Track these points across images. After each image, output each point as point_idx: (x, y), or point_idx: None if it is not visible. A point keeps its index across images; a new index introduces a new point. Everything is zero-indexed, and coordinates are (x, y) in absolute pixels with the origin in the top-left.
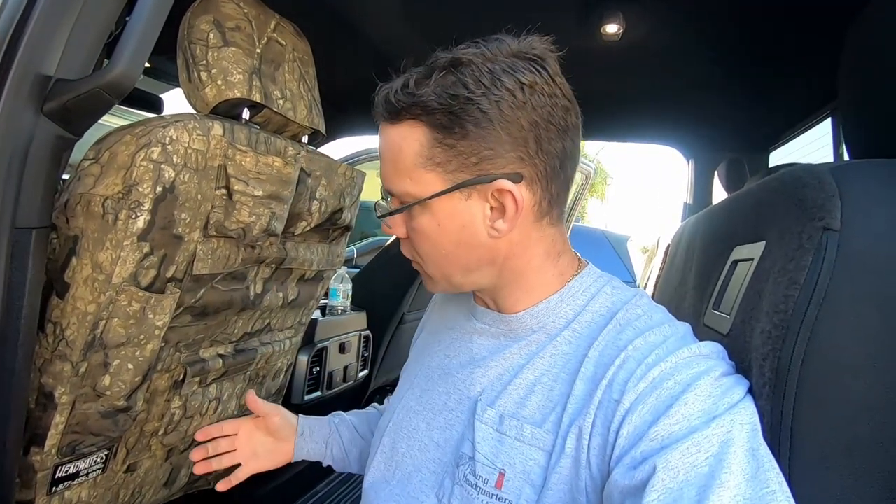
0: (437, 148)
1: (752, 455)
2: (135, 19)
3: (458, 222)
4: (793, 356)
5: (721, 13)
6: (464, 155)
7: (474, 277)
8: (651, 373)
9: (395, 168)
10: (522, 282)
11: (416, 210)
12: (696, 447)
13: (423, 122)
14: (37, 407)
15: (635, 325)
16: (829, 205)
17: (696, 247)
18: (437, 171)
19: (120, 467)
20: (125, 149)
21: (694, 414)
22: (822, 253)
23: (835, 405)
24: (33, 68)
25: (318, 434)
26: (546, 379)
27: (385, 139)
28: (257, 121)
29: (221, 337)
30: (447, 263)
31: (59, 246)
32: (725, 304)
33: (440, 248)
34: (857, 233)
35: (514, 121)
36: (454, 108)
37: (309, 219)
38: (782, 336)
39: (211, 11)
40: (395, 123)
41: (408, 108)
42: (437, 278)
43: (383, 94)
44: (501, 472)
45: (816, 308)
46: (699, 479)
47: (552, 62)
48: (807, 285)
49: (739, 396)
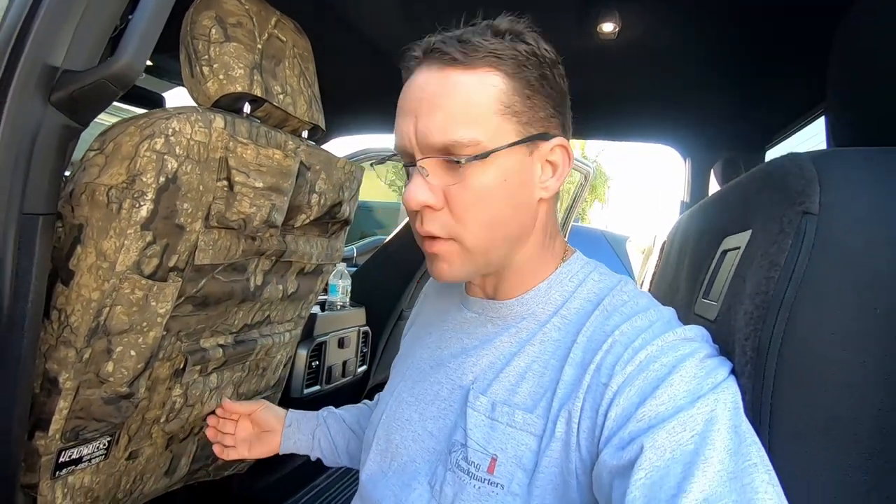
0: (516, 97)
1: (734, 432)
2: (139, 12)
3: (520, 179)
4: (772, 336)
5: (716, 12)
6: (536, 108)
7: (510, 250)
8: (638, 356)
9: (466, 114)
10: (525, 263)
11: (476, 166)
12: (681, 426)
13: (501, 70)
14: (41, 392)
15: (622, 311)
16: (809, 190)
17: (689, 241)
18: (514, 120)
19: (122, 454)
20: (129, 139)
21: (679, 394)
22: (801, 236)
23: (813, 382)
24: (41, 59)
25: (305, 426)
26: (536, 365)
27: (445, 84)
28: (258, 115)
29: (222, 327)
30: (498, 230)
31: (65, 234)
32: (714, 293)
33: (499, 210)
34: (835, 216)
35: (561, 88)
36: (531, 63)
37: (308, 212)
38: (763, 316)
39: (213, 7)
40: (468, 68)
41: (485, 54)
42: (476, 253)
43: (453, 39)
44: (493, 457)
45: (795, 289)
46: (685, 456)
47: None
48: (786, 267)
49: (723, 377)
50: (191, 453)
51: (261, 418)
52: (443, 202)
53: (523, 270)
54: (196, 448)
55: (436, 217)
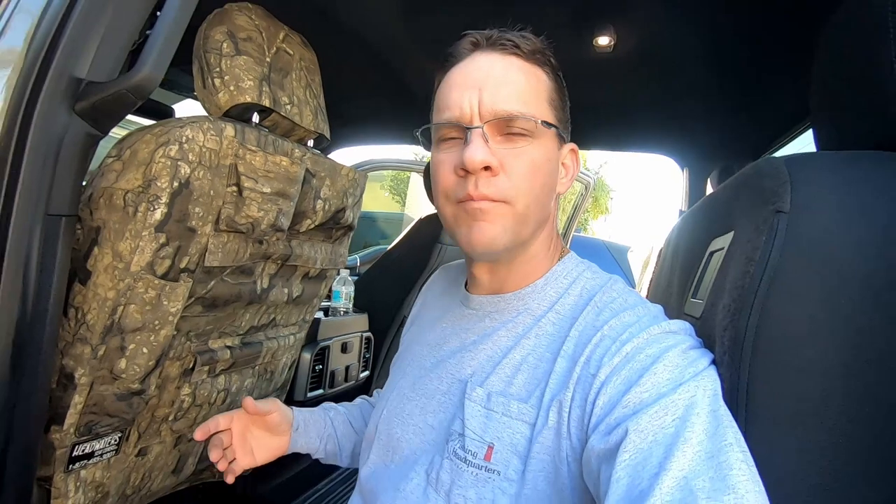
0: (556, 96)
1: (713, 416)
2: (157, 29)
3: (553, 166)
4: (747, 327)
5: (710, 24)
6: (564, 111)
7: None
8: (624, 348)
9: (526, 92)
10: (536, 254)
11: (525, 138)
12: (663, 411)
13: (547, 70)
14: (58, 387)
15: (611, 307)
16: (781, 190)
17: (681, 246)
18: (554, 113)
19: (132, 450)
20: (145, 146)
21: (662, 382)
22: (773, 233)
23: (785, 371)
24: (67, 71)
25: (312, 429)
26: (532, 358)
27: (511, 67)
28: (266, 124)
29: (229, 329)
30: (535, 204)
31: (83, 236)
32: (701, 292)
33: (541, 182)
34: (805, 214)
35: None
36: (559, 73)
37: (313, 217)
38: (739, 309)
39: (225, 23)
40: (530, 60)
41: (542, 53)
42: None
43: (516, 34)
44: (490, 445)
45: (769, 282)
46: (666, 438)
47: None
48: (760, 262)
49: (704, 366)
50: (198, 453)
51: (275, 422)
52: (499, 167)
53: (532, 261)
54: (203, 448)
55: (492, 181)
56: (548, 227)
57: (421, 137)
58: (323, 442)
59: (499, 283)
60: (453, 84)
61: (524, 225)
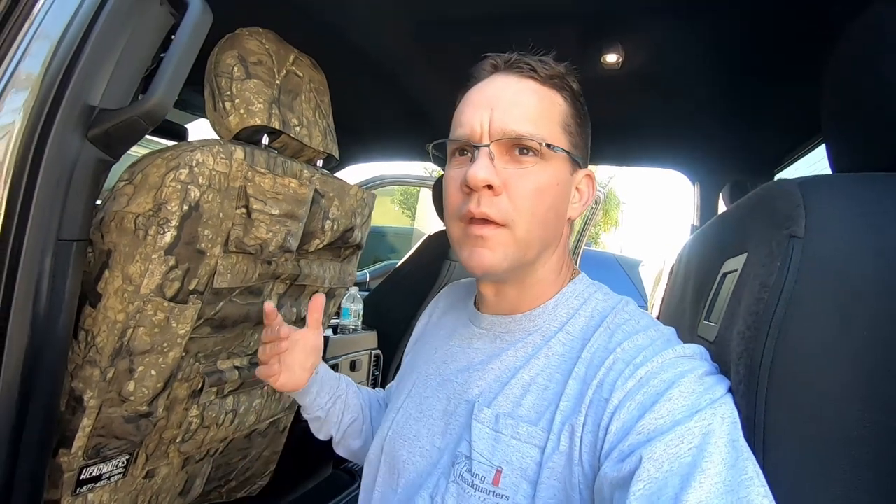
0: (572, 122)
1: (731, 446)
2: (169, 56)
3: (564, 190)
4: (763, 354)
5: (718, 40)
6: (581, 136)
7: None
8: (638, 372)
9: (538, 115)
10: (546, 276)
11: (534, 160)
12: (679, 439)
13: (565, 95)
14: (67, 410)
15: (624, 329)
16: (795, 214)
17: (693, 264)
18: (567, 138)
19: (139, 472)
20: (156, 171)
21: (678, 409)
22: (788, 258)
23: (803, 398)
24: (81, 99)
25: (327, 384)
26: (541, 379)
27: (530, 91)
28: (276, 146)
29: (238, 349)
30: (539, 227)
31: (94, 259)
32: (714, 315)
33: (546, 206)
34: (820, 239)
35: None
36: (579, 100)
37: (322, 237)
38: (754, 336)
39: (236, 47)
40: (546, 84)
41: (560, 79)
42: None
43: (536, 59)
44: (498, 469)
45: (784, 308)
46: (682, 468)
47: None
48: (775, 288)
49: (721, 393)
50: (205, 474)
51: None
52: (502, 187)
53: (541, 283)
54: (210, 469)
55: (494, 201)
56: (559, 250)
57: (436, 154)
58: (332, 401)
59: (507, 303)
60: (468, 103)
61: (527, 249)
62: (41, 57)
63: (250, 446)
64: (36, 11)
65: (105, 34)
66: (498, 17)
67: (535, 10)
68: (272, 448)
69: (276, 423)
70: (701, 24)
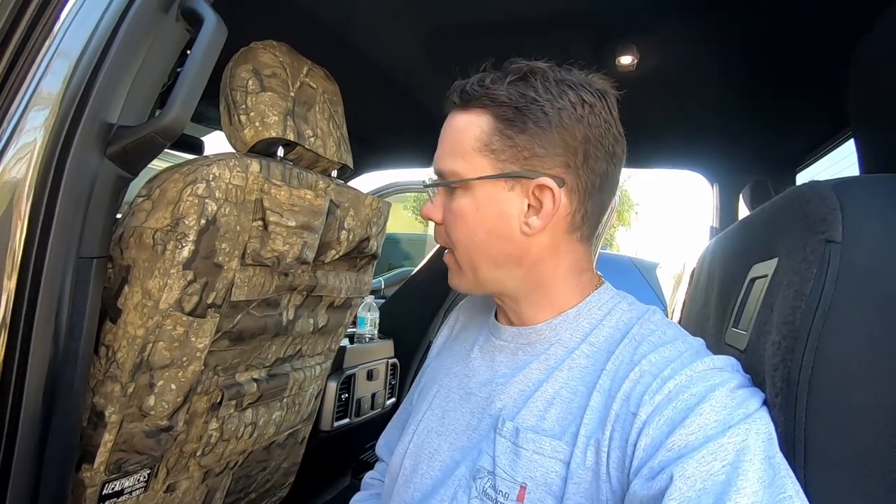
0: (496, 136)
1: (768, 463)
2: (185, 72)
3: (496, 210)
4: (802, 365)
5: (734, 39)
6: (518, 148)
7: (500, 274)
8: (667, 385)
9: (452, 149)
10: (545, 291)
11: (458, 191)
12: (711, 455)
13: (489, 111)
14: (88, 425)
15: (650, 340)
16: (831, 218)
17: (717, 268)
18: (490, 157)
19: (160, 486)
20: (174, 186)
21: (709, 424)
22: (825, 264)
23: (845, 412)
24: (100, 117)
25: None
26: (565, 392)
27: (450, 123)
28: (291, 157)
29: (256, 361)
30: (477, 252)
31: (114, 275)
32: (744, 322)
33: (474, 233)
34: (858, 244)
35: (570, 130)
36: (520, 105)
37: (338, 247)
38: (791, 346)
39: (250, 61)
40: (464, 110)
41: (479, 98)
42: (465, 268)
43: (459, 86)
44: (523, 485)
45: (822, 318)
46: (716, 486)
47: (612, 98)
48: (812, 296)
49: (755, 407)
50: (225, 487)
51: None
52: (443, 219)
53: (554, 293)
54: (230, 482)
55: (440, 231)
56: (535, 268)
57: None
58: None
59: (524, 314)
60: None
61: (469, 271)
62: (62, 75)
63: (269, 458)
64: (56, 29)
65: (122, 52)
66: (510, 22)
67: (548, 15)
68: (291, 460)
69: (295, 434)
70: (717, 21)
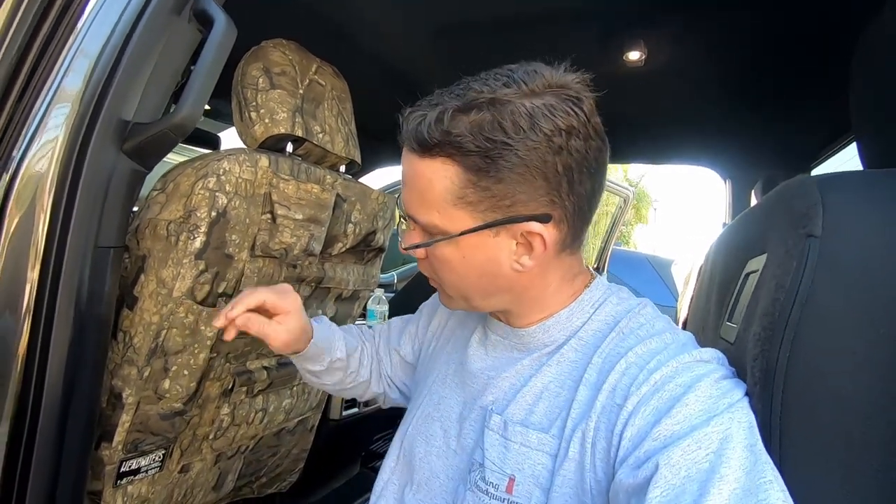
0: (470, 189)
1: (749, 451)
2: (197, 71)
3: (483, 256)
4: (779, 356)
5: (744, 35)
6: (497, 197)
7: (493, 301)
8: (653, 377)
9: (423, 200)
10: (536, 303)
11: (441, 241)
12: (696, 444)
13: (456, 161)
14: (107, 406)
15: (637, 333)
16: (812, 213)
17: (718, 264)
18: (468, 209)
19: (175, 467)
20: (186, 180)
21: (694, 414)
22: (804, 258)
23: (820, 401)
24: (116, 115)
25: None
26: (553, 386)
27: (413, 169)
28: (299, 153)
29: (266, 350)
30: (466, 288)
31: (131, 264)
32: (737, 316)
33: (462, 276)
34: (837, 238)
35: (551, 166)
36: (491, 153)
37: (345, 240)
38: (769, 337)
39: (261, 59)
40: (426, 157)
41: (441, 146)
42: (456, 298)
43: (414, 124)
44: (511, 477)
45: (800, 310)
46: (700, 474)
47: (588, 102)
48: (791, 288)
49: (738, 397)
50: (237, 470)
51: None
52: (426, 255)
53: (544, 299)
54: (242, 465)
55: (422, 264)
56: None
57: None
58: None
59: (516, 319)
60: None
61: (462, 301)
62: (82, 73)
63: (280, 444)
64: (78, 29)
65: (138, 52)
66: (517, 18)
67: (555, 11)
68: (301, 446)
69: (305, 421)
70: (726, 15)
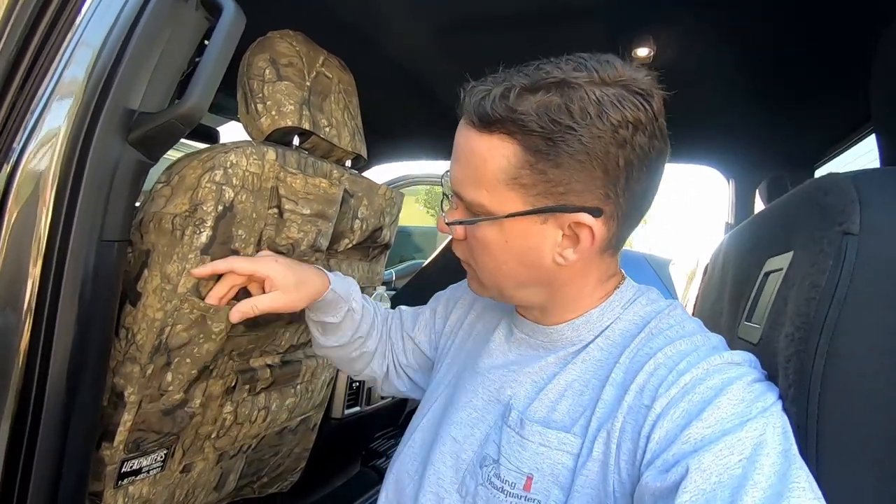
0: (526, 170)
1: (783, 457)
2: (204, 59)
3: (526, 244)
4: (815, 357)
5: (752, 33)
6: (552, 183)
7: (526, 294)
8: (682, 378)
9: (474, 176)
10: (570, 301)
11: (485, 223)
12: (729, 449)
13: (517, 139)
14: (108, 405)
15: (666, 334)
16: (849, 209)
17: (731, 263)
18: (520, 191)
19: (177, 467)
20: (192, 172)
21: (727, 417)
22: (842, 256)
23: (858, 404)
24: (122, 104)
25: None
26: (577, 384)
27: (468, 144)
28: (306, 146)
29: (270, 348)
30: (502, 276)
31: (134, 259)
32: (757, 316)
33: (501, 262)
34: (877, 236)
35: (612, 158)
36: (554, 135)
37: (351, 236)
38: (805, 338)
39: (267, 50)
40: (485, 133)
41: (503, 122)
42: (489, 286)
43: (477, 98)
44: (529, 476)
45: (837, 309)
46: (732, 480)
47: (657, 99)
48: (828, 287)
49: (772, 401)
50: (238, 470)
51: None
52: (463, 233)
53: (564, 308)
54: (244, 465)
55: (461, 245)
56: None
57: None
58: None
59: (544, 316)
60: None
61: (494, 289)
62: (84, 64)
63: (281, 443)
64: (79, 21)
65: (143, 40)
66: (524, 13)
67: (563, 6)
68: (302, 445)
69: (307, 420)
70: (736, 13)
